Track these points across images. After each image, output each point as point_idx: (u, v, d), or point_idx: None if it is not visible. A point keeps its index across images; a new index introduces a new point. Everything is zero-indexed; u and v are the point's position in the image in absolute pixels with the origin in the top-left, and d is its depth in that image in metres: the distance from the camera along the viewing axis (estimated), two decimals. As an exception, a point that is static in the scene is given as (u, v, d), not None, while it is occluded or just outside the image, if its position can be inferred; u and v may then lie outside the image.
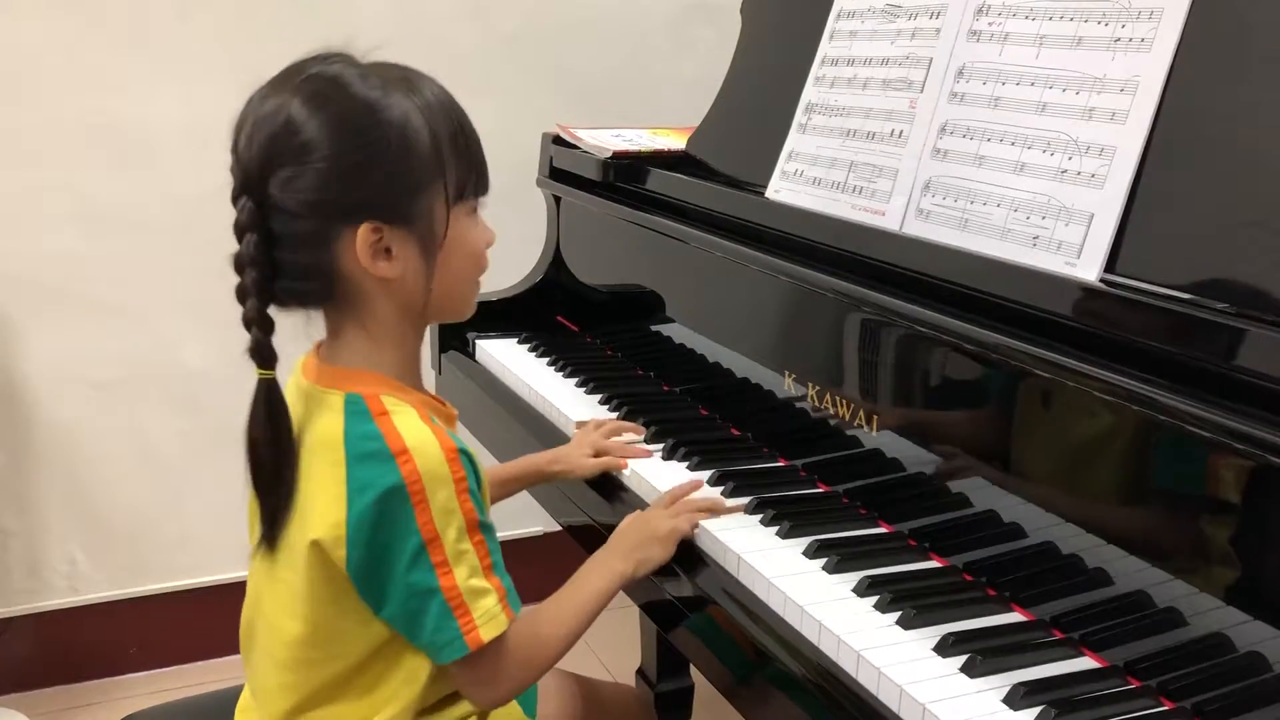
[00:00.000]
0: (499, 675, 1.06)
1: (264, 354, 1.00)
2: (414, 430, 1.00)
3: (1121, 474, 0.99)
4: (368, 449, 1.00)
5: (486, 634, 1.01)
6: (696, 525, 1.21)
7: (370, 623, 1.03)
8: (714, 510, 1.23)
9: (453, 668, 1.04)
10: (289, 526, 1.04)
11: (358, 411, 1.01)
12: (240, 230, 0.99)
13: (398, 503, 0.98)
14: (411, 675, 1.05)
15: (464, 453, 1.02)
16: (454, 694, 1.12)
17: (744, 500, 1.25)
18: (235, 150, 1.00)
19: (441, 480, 0.99)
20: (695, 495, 1.26)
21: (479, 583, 1.01)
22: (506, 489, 1.37)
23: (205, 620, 2.28)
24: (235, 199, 0.99)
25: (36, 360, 2.18)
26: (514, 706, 1.23)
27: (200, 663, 2.36)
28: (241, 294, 1.00)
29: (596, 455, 1.38)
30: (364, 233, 0.99)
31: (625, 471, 1.36)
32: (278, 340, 1.02)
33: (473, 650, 1.01)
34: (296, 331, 1.07)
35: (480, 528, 1.02)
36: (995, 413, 1.11)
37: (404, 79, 1.02)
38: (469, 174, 1.04)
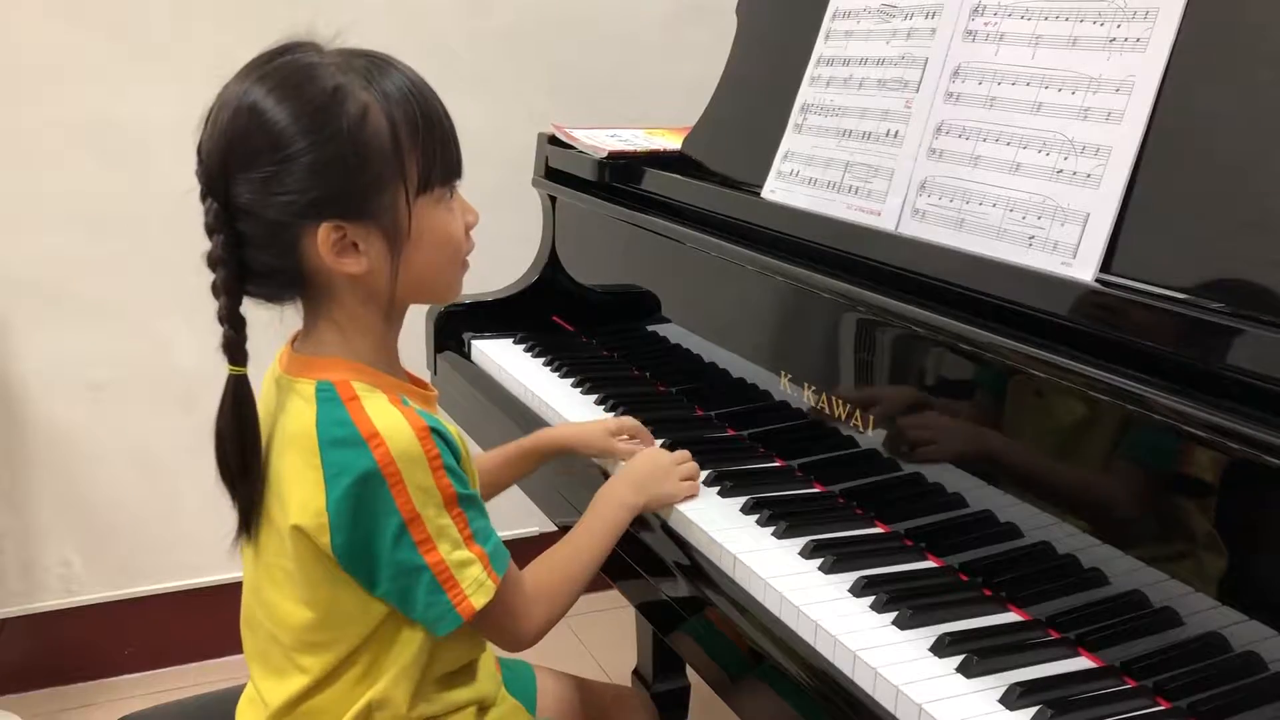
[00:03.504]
0: (514, 623, 1.10)
1: (234, 351, 1.03)
2: (383, 414, 1.01)
3: (1118, 474, 0.99)
4: (339, 435, 1.01)
5: (478, 602, 1.03)
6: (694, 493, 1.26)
7: (370, 601, 1.04)
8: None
9: (469, 626, 1.05)
10: (273, 514, 1.05)
11: (329, 398, 1.03)
12: (208, 231, 1.00)
13: (374, 486, 0.99)
14: (407, 643, 1.07)
15: (436, 430, 1.02)
16: (452, 677, 1.13)
17: (741, 499, 1.25)
18: (199, 151, 1.01)
19: (415, 460, 1.00)
20: None
21: (463, 554, 1.03)
22: (528, 463, 1.38)
23: (201, 621, 2.28)
24: (202, 199, 1.00)
25: (32, 360, 2.17)
26: (518, 708, 1.23)
27: (196, 663, 2.36)
28: (215, 291, 1.02)
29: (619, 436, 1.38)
30: (325, 232, 0.99)
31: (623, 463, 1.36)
32: (264, 334, 1.04)
33: (466, 620, 1.03)
34: (280, 324, 1.09)
35: (459, 500, 1.03)
36: (991, 413, 1.11)
37: (365, 69, 1.01)
38: (432, 164, 1.03)
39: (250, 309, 1.04)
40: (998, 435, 1.10)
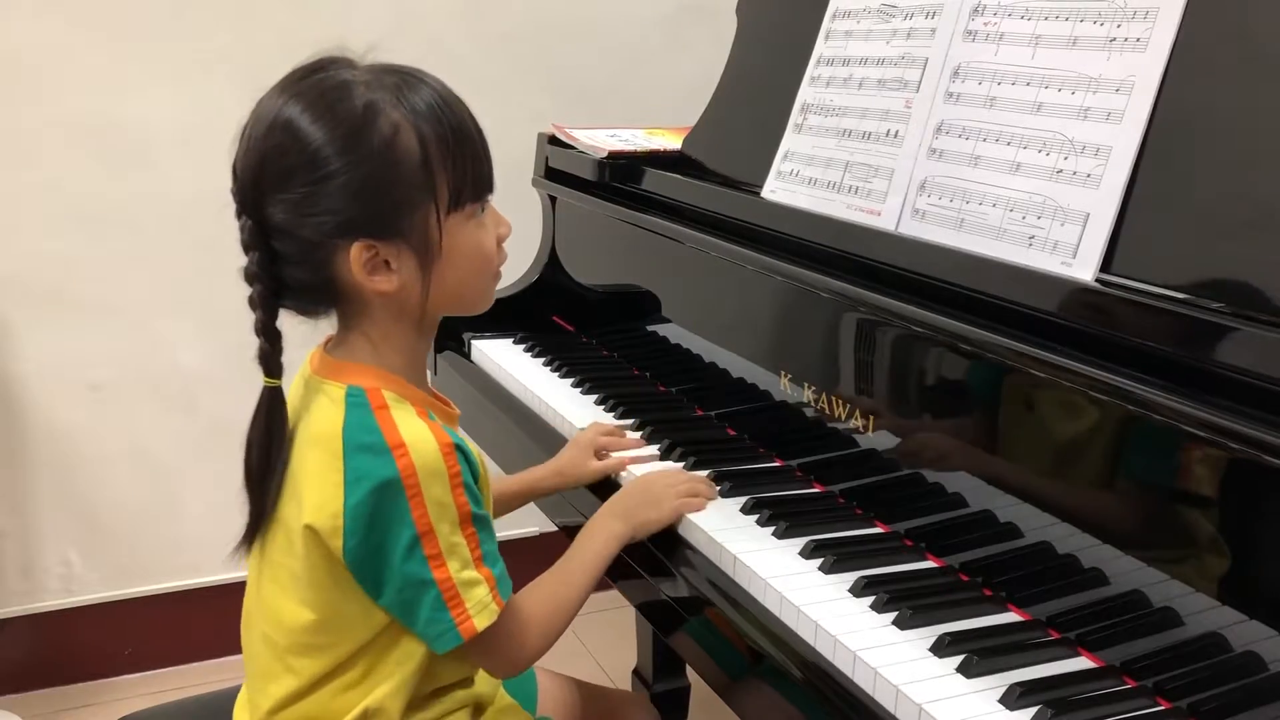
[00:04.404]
0: (508, 650, 1.10)
1: (269, 364, 1.04)
2: (411, 426, 1.02)
3: (1118, 474, 0.99)
4: (365, 441, 1.01)
5: (480, 623, 1.03)
6: (702, 508, 1.23)
7: (373, 609, 1.04)
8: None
9: (463, 649, 1.05)
10: (285, 512, 1.05)
11: (358, 404, 1.03)
12: (244, 248, 1.01)
13: (393, 495, 0.99)
14: (406, 655, 1.06)
15: (460, 448, 1.03)
16: (448, 687, 1.13)
17: (741, 499, 1.25)
18: (234, 168, 1.02)
19: (436, 475, 1.00)
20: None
21: (471, 574, 1.03)
22: (506, 505, 1.37)
23: (201, 621, 2.28)
24: (237, 216, 1.01)
25: (32, 361, 2.17)
26: (516, 708, 1.23)
27: (196, 664, 2.36)
28: (251, 305, 1.03)
29: (598, 455, 1.38)
30: (357, 250, 1.00)
31: (623, 473, 1.36)
32: (292, 341, 1.05)
33: (467, 640, 1.03)
34: (307, 334, 1.09)
35: (473, 520, 1.03)
36: (991, 413, 1.11)
37: (396, 86, 1.01)
38: (464, 181, 1.03)
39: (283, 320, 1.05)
40: (998, 435, 1.10)
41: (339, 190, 0.98)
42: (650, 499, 1.23)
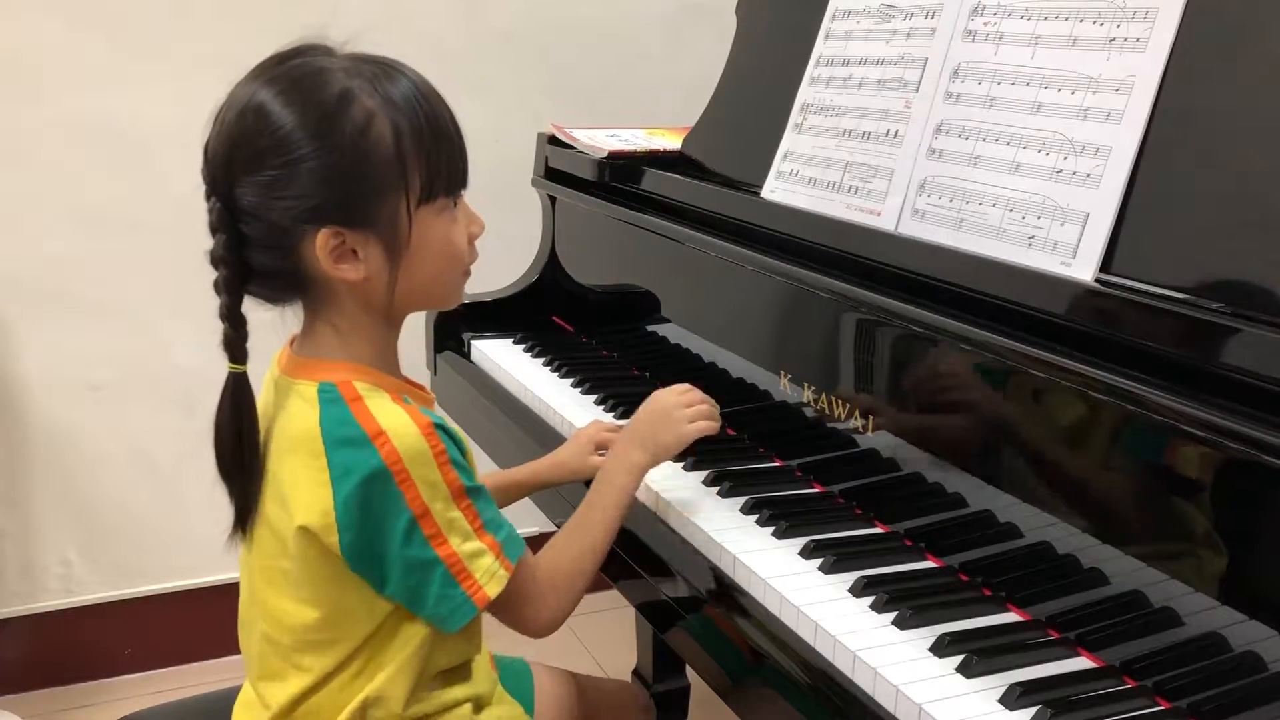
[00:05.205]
0: (531, 610, 1.11)
1: (233, 349, 1.03)
2: (388, 412, 1.02)
3: (1117, 474, 0.99)
4: (344, 434, 1.01)
5: (492, 590, 1.04)
6: (715, 430, 1.26)
7: (375, 600, 1.04)
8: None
9: (490, 613, 1.06)
10: (270, 515, 1.05)
11: (332, 400, 1.03)
12: (211, 230, 1.01)
13: (382, 484, 0.99)
14: (405, 640, 1.07)
15: (440, 426, 1.03)
16: (447, 677, 1.13)
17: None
18: (205, 150, 1.01)
19: (421, 456, 1.00)
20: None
21: (474, 545, 1.04)
22: (507, 496, 1.37)
23: (201, 621, 2.28)
24: (206, 198, 1.01)
25: (32, 360, 2.17)
26: (515, 706, 1.23)
27: (196, 663, 2.36)
28: (216, 289, 1.02)
29: (598, 451, 1.38)
30: (324, 237, 1.00)
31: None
32: (262, 333, 1.05)
33: (481, 609, 1.03)
34: (276, 324, 1.09)
35: (467, 492, 1.04)
36: (991, 413, 1.11)
37: (373, 76, 1.01)
38: (437, 174, 1.03)
39: (252, 309, 1.04)
40: (997, 435, 1.10)
41: (308, 175, 0.98)
42: (665, 420, 1.24)
